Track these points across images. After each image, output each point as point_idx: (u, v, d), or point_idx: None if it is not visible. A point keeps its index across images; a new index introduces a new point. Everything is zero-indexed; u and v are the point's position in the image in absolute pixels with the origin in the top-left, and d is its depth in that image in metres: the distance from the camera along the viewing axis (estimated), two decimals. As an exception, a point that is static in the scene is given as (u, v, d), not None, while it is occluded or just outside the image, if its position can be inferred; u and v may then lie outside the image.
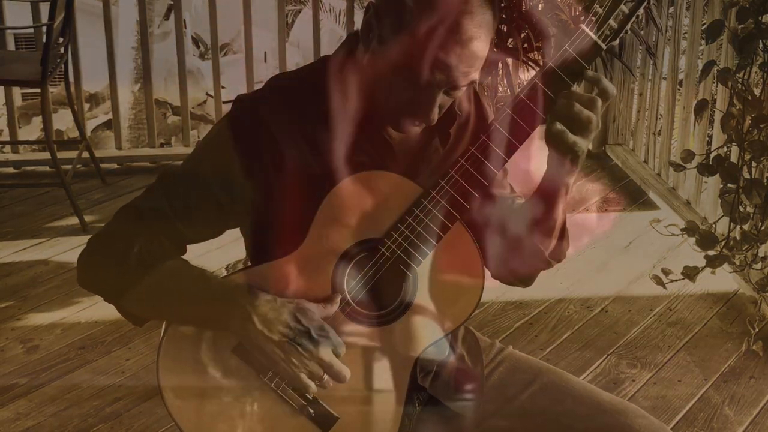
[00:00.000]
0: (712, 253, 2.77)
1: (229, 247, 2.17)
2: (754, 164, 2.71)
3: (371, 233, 1.31)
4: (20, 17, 4.13)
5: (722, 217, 2.83)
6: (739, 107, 2.68)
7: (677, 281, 2.79)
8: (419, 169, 1.38)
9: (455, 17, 1.24)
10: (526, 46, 3.51)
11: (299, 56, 9.27)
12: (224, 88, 4.36)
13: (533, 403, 1.48)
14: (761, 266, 2.82)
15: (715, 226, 2.88)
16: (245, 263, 1.50)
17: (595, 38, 1.27)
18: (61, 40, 3.55)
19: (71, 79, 3.92)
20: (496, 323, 2.82)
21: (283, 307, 1.29)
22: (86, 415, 2.37)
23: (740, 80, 2.68)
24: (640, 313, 2.89)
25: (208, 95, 8.79)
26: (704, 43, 3.12)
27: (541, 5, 3.54)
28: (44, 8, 3.51)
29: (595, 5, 1.28)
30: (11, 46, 7.27)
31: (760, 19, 2.58)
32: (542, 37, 3.45)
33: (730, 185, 2.72)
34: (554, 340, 2.74)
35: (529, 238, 1.41)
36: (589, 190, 3.85)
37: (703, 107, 2.86)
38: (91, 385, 2.50)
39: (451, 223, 1.31)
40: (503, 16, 3.41)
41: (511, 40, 3.49)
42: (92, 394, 2.46)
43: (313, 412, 1.34)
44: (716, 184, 3.11)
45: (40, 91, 3.42)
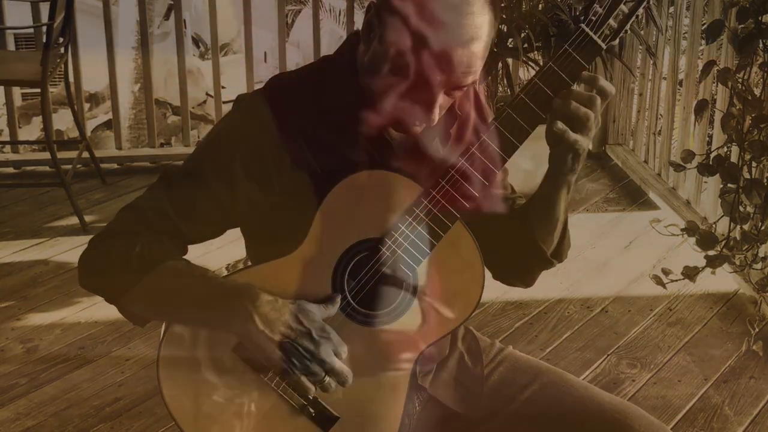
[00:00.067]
0: (712, 253, 2.77)
1: (229, 247, 2.17)
2: (754, 164, 2.71)
3: (371, 233, 1.31)
4: (20, 17, 4.13)
5: (722, 217, 2.83)
6: (739, 107, 2.68)
7: (677, 281, 2.79)
8: (420, 168, 1.38)
9: (456, 18, 1.24)
10: (526, 46, 3.51)
11: (299, 56, 9.28)
12: (224, 88, 4.36)
13: (533, 403, 1.48)
14: (761, 266, 2.82)
15: (715, 226, 2.88)
16: (245, 263, 1.50)
17: (595, 38, 1.27)
18: (61, 40, 3.55)
19: (71, 79, 3.92)
20: (496, 323, 2.82)
21: (284, 307, 1.29)
22: (86, 415, 2.37)
23: (740, 80, 2.68)
24: (640, 313, 2.89)
25: (208, 95, 8.80)
26: (704, 43, 3.12)
27: (541, 5, 3.55)
28: (44, 8, 3.51)
29: (595, 5, 1.28)
30: (11, 46, 7.28)
31: (760, 19, 2.58)
32: (542, 36, 3.45)
33: (730, 185, 2.72)
34: (554, 340, 2.74)
35: (530, 237, 1.41)
36: (589, 190, 3.85)
37: (703, 107, 2.86)
38: (91, 385, 2.50)
39: (451, 222, 1.31)
40: (503, 16, 3.41)
41: (511, 40, 3.49)
42: (92, 394, 2.45)
43: (313, 411, 1.34)
44: (716, 184, 3.11)
45: (40, 91, 3.43)
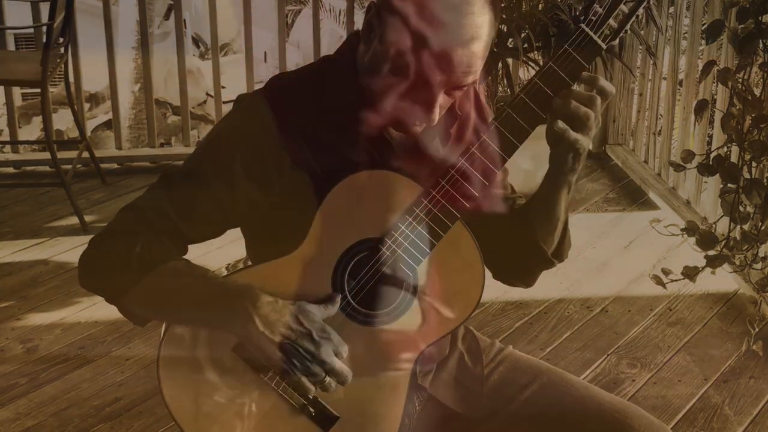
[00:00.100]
0: (712, 253, 2.77)
1: (229, 247, 2.17)
2: (754, 164, 2.71)
3: (372, 232, 1.31)
4: (20, 17, 4.13)
5: (722, 217, 2.83)
6: (739, 107, 2.68)
7: (677, 281, 2.79)
8: (420, 168, 1.38)
9: (456, 17, 1.24)
10: (526, 46, 3.51)
11: (299, 56, 9.27)
12: (224, 88, 4.36)
13: (533, 403, 1.48)
14: (761, 266, 2.82)
15: (715, 226, 2.88)
16: (245, 263, 1.50)
17: (595, 38, 1.28)
18: (61, 40, 3.55)
19: (71, 79, 3.92)
20: (496, 323, 2.82)
21: (284, 308, 1.29)
22: (86, 415, 2.37)
23: (740, 80, 2.68)
24: (640, 313, 2.89)
25: (208, 95, 8.80)
26: (704, 43, 3.12)
27: (541, 5, 3.55)
28: (44, 8, 3.51)
29: (595, 5, 1.28)
30: (11, 46, 7.28)
31: (760, 19, 2.58)
32: (542, 36, 3.46)
33: (730, 185, 2.72)
34: (554, 340, 2.74)
35: (531, 237, 1.41)
36: (589, 190, 3.85)
37: (703, 107, 2.86)
38: (91, 385, 2.50)
39: (451, 222, 1.31)
40: (503, 16, 3.41)
41: (511, 40, 3.49)
42: (92, 394, 2.45)
43: (313, 411, 1.34)
44: (716, 184, 3.11)
45: (40, 91, 3.43)
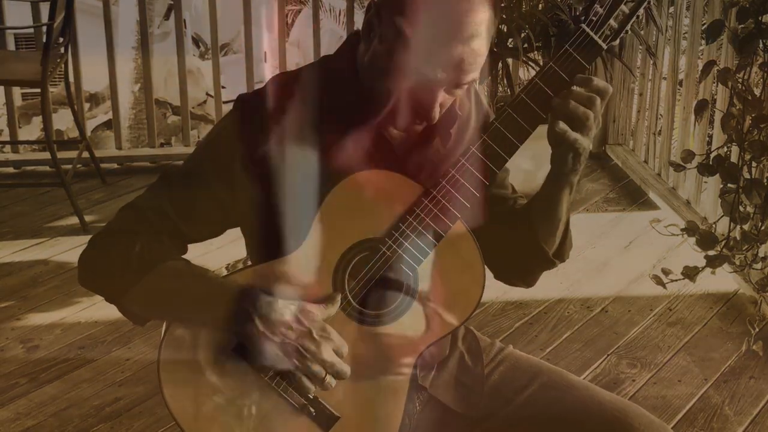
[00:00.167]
0: (712, 253, 2.77)
1: (229, 247, 2.17)
2: (754, 164, 2.71)
3: (372, 232, 1.31)
4: (20, 17, 4.13)
5: (722, 217, 2.83)
6: (739, 107, 2.68)
7: (677, 281, 2.79)
8: (420, 168, 1.38)
9: (456, 15, 1.24)
10: (526, 46, 3.51)
11: (299, 56, 9.27)
12: (224, 88, 4.37)
13: (533, 402, 1.48)
14: (761, 266, 2.82)
15: (715, 226, 2.88)
16: (245, 263, 1.50)
17: (595, 38, 1.28)
18: (61, 40, 3.55)
19: (71, 79, 3.92)
20: (496, 323, 2.82)
21: (284, 308, 1.29)
22: (86, 415, 2.37)
23: (740, 80, 2.68)
24: (640, 313, 2.89)
25: (208, 95, 8.80)
26: (704, 43, 3.12)
27: (541, 5, 3.55)
28: (44, 8, 3.51)
29: (595, 5, 1.28)
30: (11, 46, 7.28)
31: (760, 19, 2.58)
32: (542, 36, 3.46)
33: (730, 185, 2.72)
34: (554, 340, 2.74)
35: (532, 237, 1.41)
36: (589, 190, 3.85)
37: (703, 107, 2.86)
38: (91, 385, 2.50)
39: (452, 222, 1.31)
40: (503, 16, 3.41)
41: (511, 40, 3.49)
42: (92, 394, 2.45)
43: (313, 411, 1.34)
44: (716, 184, 3.11)
45: (40, 91, 3.43)
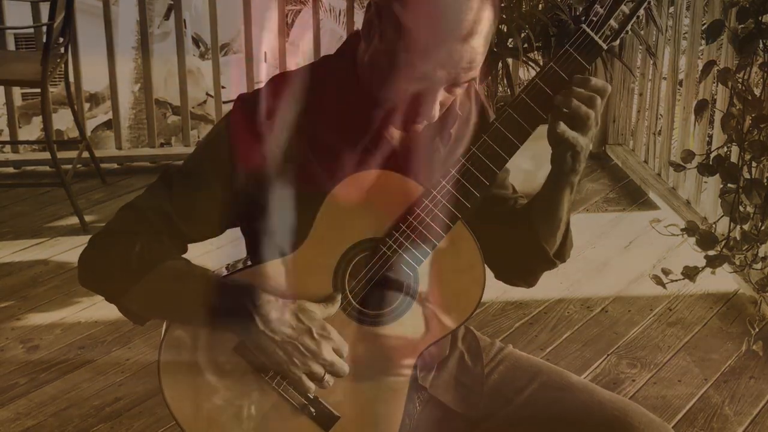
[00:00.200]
0: (712, 253, 2.77)
1: (229, 247, 2.16)
2: (754, 164, 2.71)
3: (373, 232, 1.31)
4: (20, 17, 4.13)
5: (722, 217, 2.83)
6: (739, 107, 2.68)
7: (677, 281, 2.79)
8: (421, 168, 1.38)
9: (455, 13, 1.24)
10: (526, 46, 3.51)
11: (299, 56, 9.26)
12: (224, 88, 4.37)
13: (533, 401, 1.48)
14: (761, 266, 2.82)
15: (715, 226, 2.88)
16: (245, 263, 1.50)
17: (596, 38, 1.28)
18: (61, 40, 3.55)
19: (71, 79, 3.92)
20: (496, 323, 2.82)
21: (284, 307, 1.29)
22: (86, 415, 2.37)
23: (740, 80, 2.68)
24: (640, 313, 2.89)
25: (208, 95, 8.79)
26: (704, 43, 3.12)
27: (541, 5, 3.55)
28: (44, 8, 3.51)
29: (595, 5, 1.28)
30: (11, 46, 7.28)
31: (760, 19, 2.58)
32: (542, 36, 3.46)
33: (730, 185, 2.72)
34: (554, 340, 2.74)
35: (533, 238, 1.41)
36: (589, 190, 3.85)
37: (703, 107, 2.86)
38: (91, 385, 2.50)
39: (452, 222, 1.31)
40: (503, 15, 3.41)
41: (511, 40, 3.49)
42: (92, 394, 2.45)
43: (314, 411, 1.34)
44: (716, 184, 3.11)
45: (40, 91, 3.43)
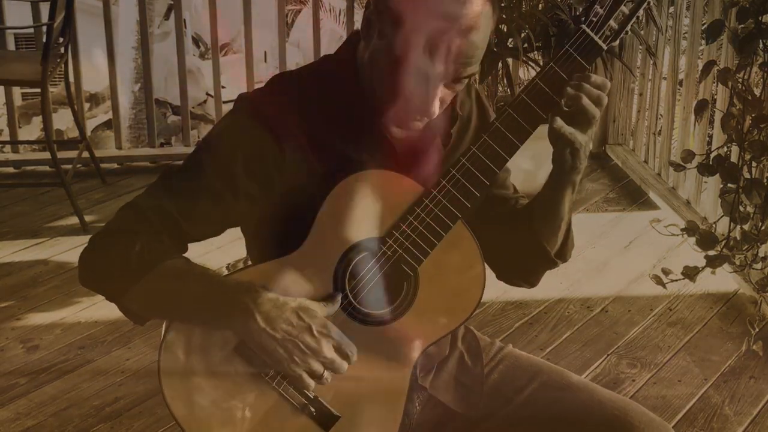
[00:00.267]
0: (712, 253, 2.77)
1: (229, 246, 2.17)
2: (754, 164, 2.71)
3: (373, 232, 1.31)
4: (20, 17, 4.13)
5: (722, 217, 2.83)
6: (739, 107, 2.68)
7: (677, 281, 2.79)
8: (421, 168, 1.38)
9: (454, 7, 1.24)
10: (526, 46, 3.51)
11: (299, 56, 9.26)
12: (224, 88, 4.37)
13: (533, 401, 1.48)
14: (761, 266, 2.82)
15: (715, 226, 2.88)
16: (245, 263, 1.50)
17: (596, 39, 1.28)
18: (61, 40, 3.55)
19: (71, 79, 3.92)
20: (496, 323, 2.82)
21: (285, 305, 1.29)
22: (86, 415, 2.37)
23: (740, 80, 2.69)
24: (640, 313, 2.89)
25: (208, 95, 8.79)
26: (704, 43, 3.12)
27: (541, 5, 3.55)
28: (44, 8, 3.51)
29: (595, 6, 1.28)
30: (11, 46, 7.27)
31: (760, 19, 2.59)
32: (542, 37, 3.46)
33: (730, 185, 2.72)
34: (554, 340, 2.74)
35: (534, 237, 1.42)
36: (589, 190, 3.85)
37: (703, 107, 2.86)
38: (91, 385, 2.50)
39: (452, 222, 1.31)
40: (503, 15, 3.41)
41: (511, 40, 3.49)
42: (92, 394, 2.45)
43: (314, 411, 1.34)
44: (716, 184, 3.11)
45: (40, 91, 3.43)
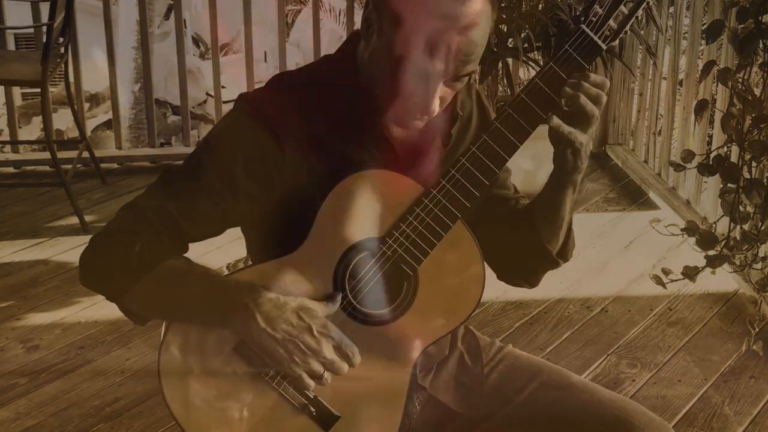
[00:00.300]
0: (712, 253, 2.77)
1: (229, 246, 2.17)
2: (754, 164, 2.71)
3: (373, 232, 1.31)
4: (20, 17, 4.13)
5: (722, 217, 2.83)
6: (739, 107, 2.68)
7: (677, 281, 2.79)
8: (421, 168, 1.38)
9: (454, 5, 1.24)
10: (526, 46, 3.51)
11: (299, 56, 9.26)
12: (224, 88, 4.37)
13: (533, 401, 1.48)
14: (761, 266, 2.82)
15: (715, 226, 2.88)
16: (245, 263, 1.50)
17: (595, 39, 1.28)
18: (61, 40, 3.55)
19: (71, 79, 3.92)
20: (496, 323, 2.82)
21: (285, 304, 1.29)
22: (86, 415, 2.37)
23: (740, 80, 2.69)
24: (640, 313, 2.89)
25: (208, 95, 8.79)
26: (704, 43, 3.12)
27: (541, 5, 3.55)
28: (44, 8, 3.51)
29: (595, 6, 1.28)
30: (11, 46, 7.26)
31: (760, 19, 2.59)
32: (542, 36, 3.46)
33: (730, 185, 2.72)
34: (554, 340, 2.74)
35: (535, 238, 1.42)
36: (589, 190, 3.85)
37: (703, 107, 2.86)
38: (91, 385, 2.50)
39: (452, 222, 1.31)
40: (503, 15, 3.41)
41: (511, 40, 3.49)
42: (92, 394, 2.45)
43: (314, 411, 1.34)
44: (716, 184, 3.11)
45: (40, 91, 3.43)
